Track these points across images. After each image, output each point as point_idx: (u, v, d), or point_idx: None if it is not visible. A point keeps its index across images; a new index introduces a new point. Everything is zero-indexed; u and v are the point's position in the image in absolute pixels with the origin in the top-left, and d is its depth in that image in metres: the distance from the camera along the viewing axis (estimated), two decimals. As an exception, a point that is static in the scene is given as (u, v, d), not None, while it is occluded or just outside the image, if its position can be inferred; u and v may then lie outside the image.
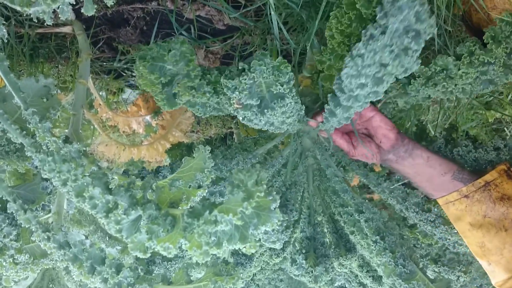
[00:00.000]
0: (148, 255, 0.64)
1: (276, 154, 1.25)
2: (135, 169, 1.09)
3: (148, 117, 1.79)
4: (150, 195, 0.71)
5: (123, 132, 1.75)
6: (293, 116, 0.93)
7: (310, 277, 1.03)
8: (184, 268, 0.99)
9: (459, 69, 0.93)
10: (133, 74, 1.82)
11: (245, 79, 0.82)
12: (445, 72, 0.96)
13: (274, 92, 0.85)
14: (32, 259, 0.96)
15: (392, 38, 0.79)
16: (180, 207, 0.74)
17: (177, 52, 0.87)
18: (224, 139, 2.16)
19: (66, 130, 1.03)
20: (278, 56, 1.25)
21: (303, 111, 0.99)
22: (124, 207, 0.65)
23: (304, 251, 1.11)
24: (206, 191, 0.84)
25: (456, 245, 1.28)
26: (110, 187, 0.69)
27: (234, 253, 1.10)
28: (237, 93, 0.84)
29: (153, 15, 1.46)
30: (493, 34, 0.91)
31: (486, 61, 0.91)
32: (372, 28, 0.80)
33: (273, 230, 0.95)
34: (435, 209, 1.29)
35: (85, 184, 0.68)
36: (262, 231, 0.61)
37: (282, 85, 0.84)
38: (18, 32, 1.46)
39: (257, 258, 1.12)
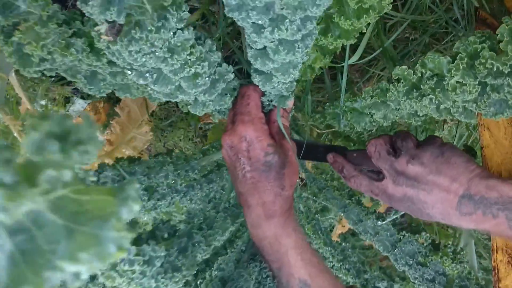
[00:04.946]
0: None
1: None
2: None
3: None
4: None
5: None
6: (198, 64, 0.59)
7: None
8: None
9: (452, 77, 0.61)
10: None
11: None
12: (435, 78, 0.65)
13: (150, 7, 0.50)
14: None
15: None
16: None
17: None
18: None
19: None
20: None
21: (231, 74, 0.67)
22: None
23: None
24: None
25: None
26: None
27: None
28: (96, 8, 0.49)
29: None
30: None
31: (497, 69, 0.57)
32: None
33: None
34: (437, 264, 0.95)
35: None
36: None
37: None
38: None
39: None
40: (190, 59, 0.58)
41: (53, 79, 1.53)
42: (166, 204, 0.76)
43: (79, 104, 1.60)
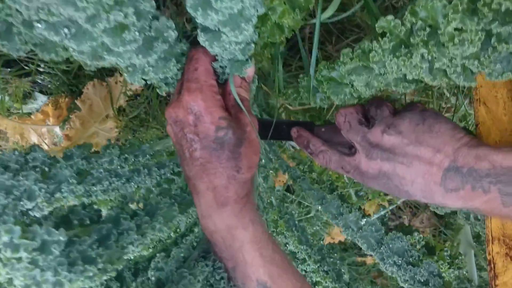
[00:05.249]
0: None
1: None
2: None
3: (57, 128, 1.33)
4: None
5: (14, 142, 1.29)
6: (119, 10, 0.46)
7: None
8: None
9: (450, 22, 0.50)
10: (41, 69, 1.39)
11: None
12: (429, 29, 0.53)
13: None
14: None
15: None
16: None
17: None
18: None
19: None
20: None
21: (173, 32, 0.54)
22: None
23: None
24: None
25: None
26: None
27: None
28: None
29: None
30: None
31: (506, 10, 0.46)
32: None
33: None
34: (431, 264, 0.81)
35: None
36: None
37: None
38: None
39: None
40: (106, 3, 0.45)
41: (9, 69, 1.39)
42: (103, 190, 0.61)
43: (39, 99, 1.46)
